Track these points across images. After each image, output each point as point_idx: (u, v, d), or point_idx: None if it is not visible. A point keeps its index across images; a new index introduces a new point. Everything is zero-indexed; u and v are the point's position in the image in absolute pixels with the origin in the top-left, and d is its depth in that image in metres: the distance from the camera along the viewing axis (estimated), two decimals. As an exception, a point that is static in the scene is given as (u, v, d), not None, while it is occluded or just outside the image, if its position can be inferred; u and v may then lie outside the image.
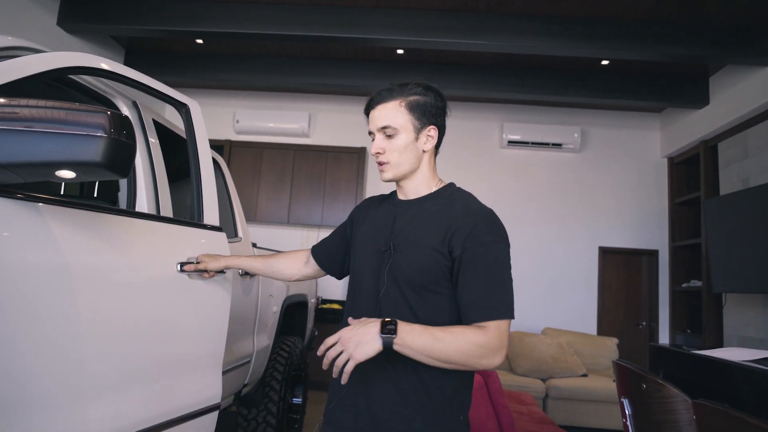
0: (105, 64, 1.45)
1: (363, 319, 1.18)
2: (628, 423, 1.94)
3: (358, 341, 1.12)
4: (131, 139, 1.03)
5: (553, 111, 6.70)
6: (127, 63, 5.98)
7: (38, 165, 0.98)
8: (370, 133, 1.37)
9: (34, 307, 1.13)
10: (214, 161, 2.86)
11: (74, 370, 1.24)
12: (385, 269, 1.32)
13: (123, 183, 1.70)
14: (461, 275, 1.25)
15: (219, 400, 1.80)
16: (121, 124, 1.01)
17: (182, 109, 1.92)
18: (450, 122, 1.43)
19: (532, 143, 6.55)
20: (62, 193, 1.83)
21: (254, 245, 3.14)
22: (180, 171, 2.41)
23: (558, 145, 6.53)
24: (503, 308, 1.23)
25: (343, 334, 1.14)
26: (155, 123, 1.98)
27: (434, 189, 1.40)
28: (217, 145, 6.57)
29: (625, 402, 1.95)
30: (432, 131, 1.36)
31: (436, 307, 1.28)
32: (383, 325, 1.14)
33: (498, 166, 6.67)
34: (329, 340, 1.14)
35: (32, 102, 1.00)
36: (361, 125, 6.72)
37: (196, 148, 1.90)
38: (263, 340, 3.03)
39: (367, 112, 1.38)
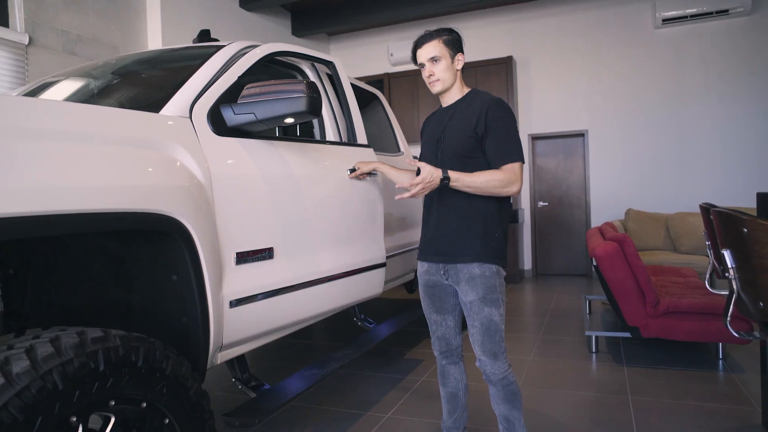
0: (280, 48, 2.16)
1: (432, 167, 1.81)
2: (732, 277, 1.88)
3: (430, 182, 1.80)
4: (318, 94, 1.73)
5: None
6: (294, 23, 7.00)
7: (275, 117, 1.71)
8: (420, 65, 1.95)
9: (282, 197, 1.97)
10: (373, 95, 3.50)
11: (310, 229, 2.13)
12: (439, 149, 1.96)
13: (316, 123, 2.53)
14: (486, 140, 1.87)
15: (383, 261, 2.64)
16: (311, 87, 1.71)
17: (330, 65, 2.53)
18: (593, 13, 1.90)
19: (692, 16, 6.15)
20: (278, 135, 2.65)
21: (416, 158, 3.72)
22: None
23: (724, 12, 6.04)
24: (514, 155, 1.85)
25: (425, 177, 1.79)
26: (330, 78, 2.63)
27: (463, 95, 1.99)
28: (376, 80, 7.29)
29: (727, 254, 1.85)
30: (460, 57, 1.96)
31: (472, 168, 1.87)
32: (443, 173, 1.82)
33: (652, 49, 6.41)
34: (418, 179, 1.79)
35: (264, 84, 1.73)
36: (505, 33, 7.02)
37: (344, 92, 2.60)
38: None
39: (414, 51, 1.97)
